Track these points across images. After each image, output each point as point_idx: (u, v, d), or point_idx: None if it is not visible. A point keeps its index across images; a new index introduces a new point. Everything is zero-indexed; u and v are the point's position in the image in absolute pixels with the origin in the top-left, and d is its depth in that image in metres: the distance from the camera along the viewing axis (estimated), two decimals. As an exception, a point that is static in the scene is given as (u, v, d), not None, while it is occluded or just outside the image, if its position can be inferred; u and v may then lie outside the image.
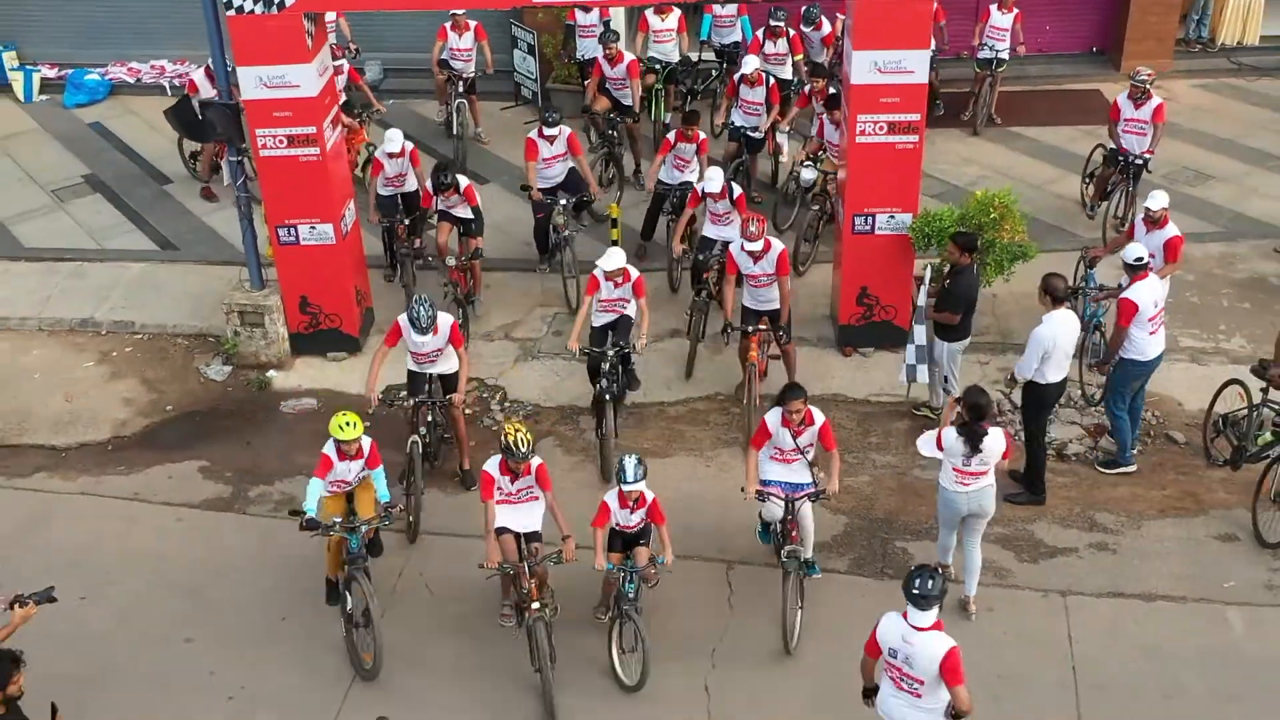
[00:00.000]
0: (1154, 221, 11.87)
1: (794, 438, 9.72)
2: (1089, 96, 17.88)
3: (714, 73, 17.30)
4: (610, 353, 11.44)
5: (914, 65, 11.67)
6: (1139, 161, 14.12)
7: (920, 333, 11.60)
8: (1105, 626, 9.82)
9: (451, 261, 12.97)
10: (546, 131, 13.42)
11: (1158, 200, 11.91)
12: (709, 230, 12.93)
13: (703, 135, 13.83)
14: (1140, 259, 11.04)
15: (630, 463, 9.26)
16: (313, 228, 12.55)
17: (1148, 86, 14.04)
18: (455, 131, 16.56)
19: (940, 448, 9.56)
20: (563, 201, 13.47)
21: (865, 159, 12.09)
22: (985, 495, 9.60)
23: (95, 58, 18.96)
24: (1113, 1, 18.27)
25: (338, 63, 14.63)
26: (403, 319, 10.89)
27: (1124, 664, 9.45)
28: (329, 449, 9.74)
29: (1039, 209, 15.40)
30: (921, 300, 11.61)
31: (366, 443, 9.79)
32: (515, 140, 17.39)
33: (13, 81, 18.73)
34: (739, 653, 9.86)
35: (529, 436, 9.42)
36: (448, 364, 11.17)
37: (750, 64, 14.60)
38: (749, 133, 14.81)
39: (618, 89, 15.27)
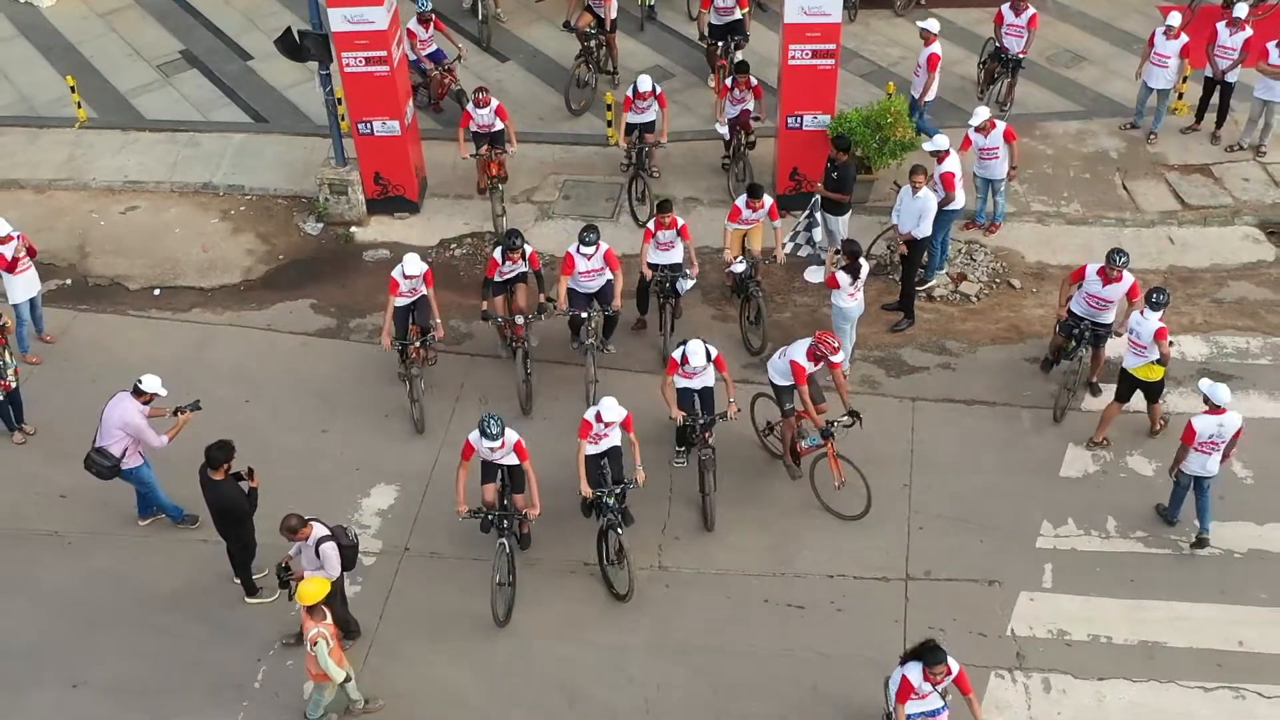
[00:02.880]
0: (982, 130, 16.04)
1: (935, 687, 10.44)
2: (999, -23, 21.60)
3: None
4: (613, 489, 12.51)
5: (830, 9, 15.70)
6: (1016, 58, 18.20)
7: (816, 233, 16.14)
8: (936, 422, 14.53)
9: (520, 320, 14.42)
10: (584, 250, 14.41)
11: (977, 116, 16.05)
12: (683, 383, 13.48)
13: (681, 221, 14.95)
14: (936, 149, 15.38)
15: None
16: (384, 123, 16.77)
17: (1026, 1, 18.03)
18: (480, 16, 20.48)
19: (837, 285, 14.27)
20: (593, 312, 14.56)
21: (795, 76, 16.26)
22: (860, 304, 14.58)
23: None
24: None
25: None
26: (473, 436, 12.33)
27: (943, 446, 14.21)
28: None
29: (942, 87, 19.41)
30: (815, 214, 16.03)
31: None
32: (529, 19, 21.41)
33: (106, -43, 22.39)
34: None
35: None
36: (511, 458, 12.54)
37: (644, 82, 16.63)
38: (644, 132, 16.97)
39: (598, 6, 18.96)
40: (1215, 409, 12.58)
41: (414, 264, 14.23)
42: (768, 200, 15.23)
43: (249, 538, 12.56)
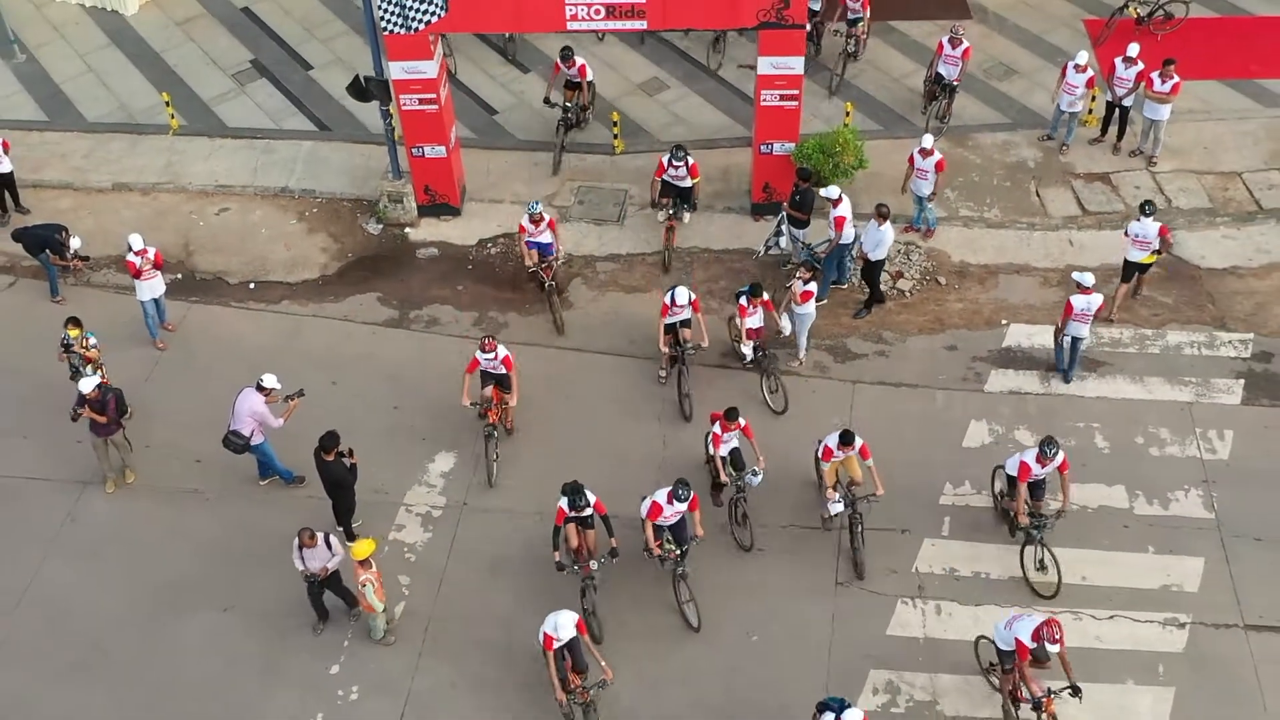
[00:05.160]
0: (927, 152, 19.91)
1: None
2: (948, -10, 25.19)
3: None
4: None
5: (794, 65, 19.47)
6: (952, 84, 21.95)
7: (783, 241, 20.03)
8: (871, 400, 18.63)
9: (594, 565, 15.69)
10: (676, 504, 15.44)
11: (926, 140, 19.88)
12: None
13: (743, 421, 16.51)
14: (830, 197, 19.13)
15: None
16: (433, 147, 20.62)
17: (961, 36, 21.69)
18: (508, 35, 24.06)
19: (811, 296, 18.24)
20: (677, 550, 15.73)
21: (766, 113, 20.10)
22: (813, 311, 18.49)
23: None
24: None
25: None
26: None
27: (875, 421, 18.28)
28: None
29: (893, 99, 23.27)
30: (782, 226, 19.95)
31: None
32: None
33: (179, -31, 25.89)
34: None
35: None
36: None
37: (682, 295, 17.86)
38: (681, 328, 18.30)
39: (577, 79, 21.84)
40: (1085, 290, 17.79)
41: (567, 627, 14.39)
42: (858, 441, 16.24)
43: (351, 500, 16.83)
